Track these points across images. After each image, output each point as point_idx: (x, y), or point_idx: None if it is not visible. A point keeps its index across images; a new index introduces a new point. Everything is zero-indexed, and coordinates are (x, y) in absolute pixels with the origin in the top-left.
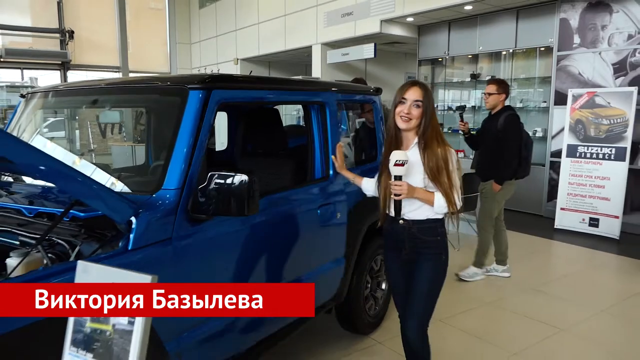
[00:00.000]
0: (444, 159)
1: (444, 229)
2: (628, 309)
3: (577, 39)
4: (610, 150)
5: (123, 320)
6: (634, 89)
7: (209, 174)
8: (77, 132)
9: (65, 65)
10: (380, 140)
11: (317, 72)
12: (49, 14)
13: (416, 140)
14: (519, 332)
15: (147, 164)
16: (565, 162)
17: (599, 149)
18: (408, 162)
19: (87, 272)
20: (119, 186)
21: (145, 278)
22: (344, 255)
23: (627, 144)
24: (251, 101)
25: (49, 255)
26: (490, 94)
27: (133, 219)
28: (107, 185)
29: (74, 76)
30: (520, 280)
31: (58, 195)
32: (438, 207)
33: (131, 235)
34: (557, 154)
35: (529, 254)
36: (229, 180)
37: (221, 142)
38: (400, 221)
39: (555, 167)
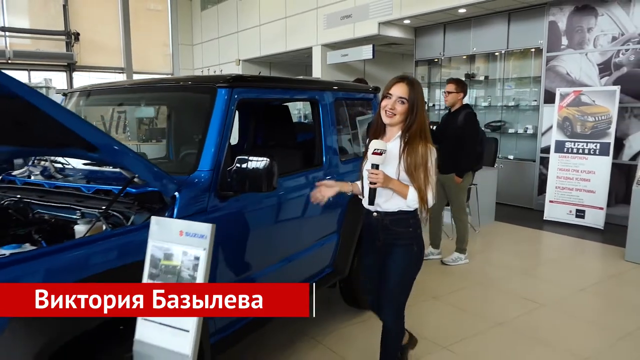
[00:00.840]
0: (424, 157)
1: (417, 221)
2: (606, 288)
3: (565, 41)
4: (595, 146)
5: (190, 256)
6: (617, 88)
7: (237, 158)
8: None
9: (71, 67)
10: None
11: (317, 72)
12: (52, 16)
13: (399, 133)
14: (504, 306)
15: (167, 156)
16: (553, 157)
17: (585, 144)
18: (386, 152)
19: (159, 224)
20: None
21: (207, 227)
22: (336, 231)
23: (611, 139)
24: (265, 98)
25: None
26: (449, 93)
27: (176, 194)
28: None
29: (79, 77)
30: (510, 265)
31: (107, 176)
32: (410, 201)
33: (175, 208)
34: (547, 150)
35: (519, 242)
36: (253, 163)
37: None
38: (374, 213)
39: (545, 162)
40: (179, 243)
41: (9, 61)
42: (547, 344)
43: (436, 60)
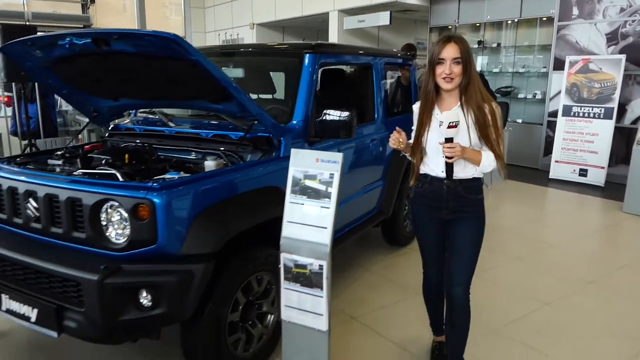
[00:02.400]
0: (491, 114)
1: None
2: (606, 233)
3: (575, 11)
4: (600, 110)
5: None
6: (623, 57)
7: (323, 111)
8: None
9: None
10: (415, 96)
11: (333, 37)
12: None
13: (459, 102)
14: (519, 246)
15: None
16: (560, 120)
17: (591, 108)
18: (459, 122)
19: (298, 154)
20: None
21: (339, 155)
22: (383, 178)
23: (615, 104)
24: (338, 62)
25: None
26: None
27: (282, 139)
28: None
29: None
30: (521, 215)
31: (219, 123)
32: (485, 166)
33: (282, 148)
34: (554, 114)
35: (528, 197)
36: (336, 115)
37: None
38: (446, 180)
39: (551, 125)
40: (315, 168)
41: (27, 23)
42: (556, 274)
43: (450, 27)
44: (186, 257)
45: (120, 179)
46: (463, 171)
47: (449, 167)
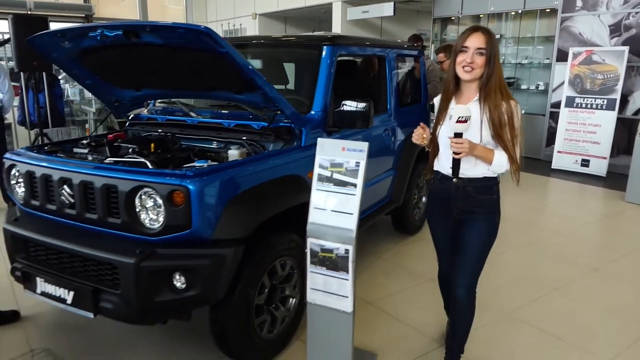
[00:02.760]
0: (509, 113)
1: (499, 188)
2: (609, 221)
3: (579, 3)
4: (603, 101)
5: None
6: (626, 49)
7: (342, 102)
8: None
9: (88, 19)
10: (425, 87)
11: (336, 28)
12: None
13: (477, 95)
14: (525, 233)
15: None
16: (563, 111)
17: (593, 100)
18: (470, 118)
19: (324, 143)
20: None
21: (364, 144)
22: (394, 167)
23: (617, 95)
24: (354, 54)
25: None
26: (441, 62)
27: (302, 128)
28: None
29: None
30: (525, 204)
31: (239, 113)
32: (497, 166)
33: (303, 138)
34: (557, 105)
35: (531, 187)
36: (354, 106)
37: None
38: (454, 179)
39: (554, 116)
40: (342, 156)
41: (30, 12)
42: (563, 261)
43: (453, 18)
44: (218, 241)
45: (150, 167)
46: (473, 169)
47: (456, 164)
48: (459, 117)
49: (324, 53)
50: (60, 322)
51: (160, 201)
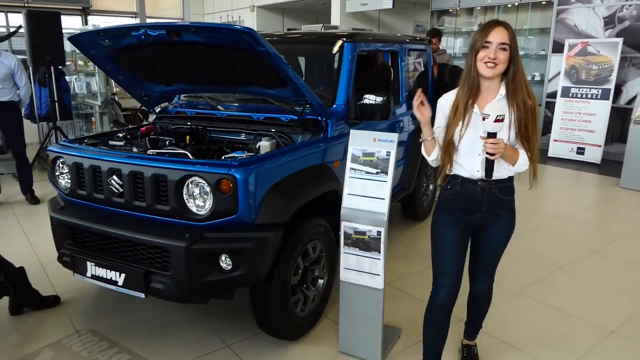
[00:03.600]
0: (532, 112)
1: None
2: (605, 206)
3: None
4: (597, 91)
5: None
6: (620, 40)
7: (364, 95)
8: None
9: (86, 11)
10: (432, 80)
11: (335, 20)
12: None
13: (503, 91)
14: (527, 218)
15: None
16: (559, 101)
17: (588, 90)
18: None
19: (357, 135)
20: None
21: (394, 135)
22: (405, 157)
23: (612, 85)
24: (371, 50)
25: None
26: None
27: (328, 120)
28: None
29: (94, 21)
30: (524, 191)
31: (266, 107)
32: (520, 165)
33: (329, 129)
34: (553, 95)
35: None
36: (375, 99)
37: None
38: (479, 182)
39: (550, 106)
40: (373, 146)
41: (26, 5)
42: (564, 243)
43: (450, 10)
44: (260, 226)
45: (191, 157)
46: (500, 170)
47: (490, 165)
48: (498, 116)
49: (345, 50)
50: (99, 305)
51: (208, 189)
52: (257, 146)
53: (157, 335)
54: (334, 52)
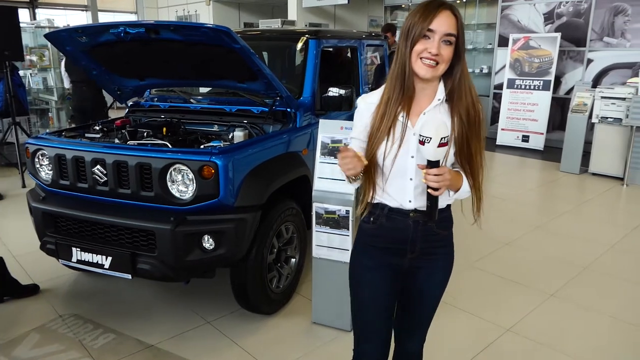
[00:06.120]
0: (477, 124)
1: None
2: (547, 188)
3: None
4: (539, 83)
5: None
6: (558, 35)
7: (328, 88)
8: None
9: (33, 4)
10: (386, 72)
11: (292, 15)
12: None
13: (441, 96)
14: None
15: None
16: (505, 92)
17: (531, 81)
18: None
19: (325, 123)
20: None
21: None
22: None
23: (552, 77)
24: (334, 46)
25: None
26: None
27: (297, 112)
28: None
29: (42, 15)
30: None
31: (238, 100)
32: (463, 192)
33: (297, 120)
34: (499, 86)
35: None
36: (338, 92)
37: None
38: (411, 213)
39: (497, 97)
40: (341, 134)
41: None
42: (510, 221)
43: (403, 5)
44: (239, 208)
45: (171, 147)
46: (440, 200)
47: (434, 204)
48: (441, 140)
49: (310, 46)
50: (78, 291)
51: (191, 175)
52: (230, 136)
53: (140, 316)
54: (299, 48)
